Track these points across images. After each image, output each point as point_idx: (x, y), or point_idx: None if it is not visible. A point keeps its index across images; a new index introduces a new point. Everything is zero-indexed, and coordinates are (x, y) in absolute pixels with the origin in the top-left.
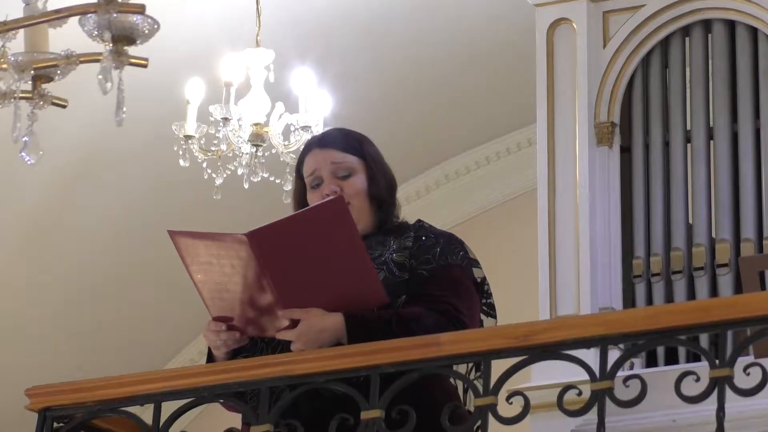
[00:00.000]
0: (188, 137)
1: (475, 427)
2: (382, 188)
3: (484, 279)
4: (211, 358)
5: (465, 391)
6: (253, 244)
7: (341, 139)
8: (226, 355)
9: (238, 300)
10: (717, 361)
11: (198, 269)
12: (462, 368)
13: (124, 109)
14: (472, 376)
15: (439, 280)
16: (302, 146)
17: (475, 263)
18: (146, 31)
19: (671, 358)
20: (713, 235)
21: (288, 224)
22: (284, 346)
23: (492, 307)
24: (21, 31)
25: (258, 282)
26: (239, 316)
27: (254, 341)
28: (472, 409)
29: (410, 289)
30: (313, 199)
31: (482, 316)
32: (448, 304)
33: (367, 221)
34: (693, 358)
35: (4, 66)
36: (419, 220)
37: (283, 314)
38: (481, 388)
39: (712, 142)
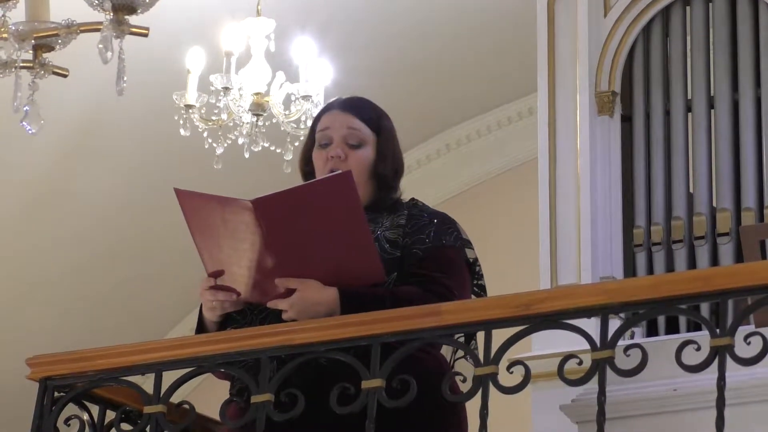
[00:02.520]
0: (189, 107)
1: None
2: (387, 168)
3: (476, 260)
4: (201, 326)
5: (452, 365)
6: (257, 211)
7: (363, 109)
8: (216, 323)
9: (237, 264)
10: (718, 330)
11: (200, 230)
12: (445, 350)
13: (125, 78)
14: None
15: (433, 261)
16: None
17: (468, 244)
18: (147, 0)
19: (672, 328)
20: (714, 204)
21: (294, 194)
22: (273, 317)
23: (483, 288)
24: (22, 0)
25: (258, 249)
26: (236, 281)
27: (243, 312)
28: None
29: (404, 268)
30: (318, 157)
31: (473, 297)
32: (442, 285)
33: (363, 196)
34: (694, 327)
35: (5, 35)
36: (413, 199)
37: (279, 282)
38: (482, 358)
39: (712, 111)
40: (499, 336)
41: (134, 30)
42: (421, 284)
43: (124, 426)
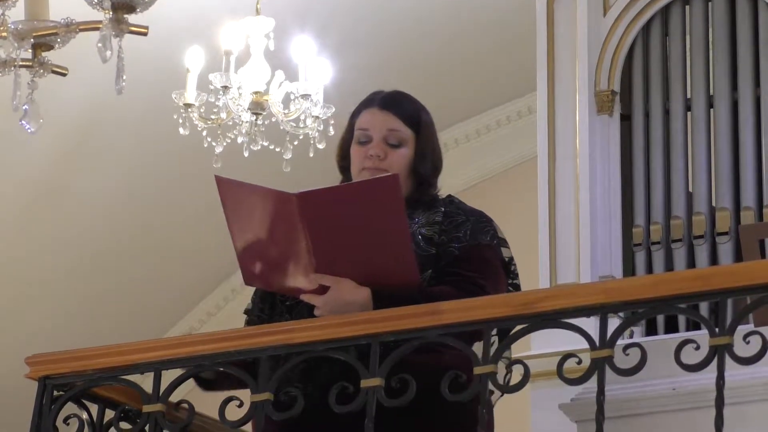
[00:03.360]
0: (188, 105)
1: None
2: (428, 168)
3: (511, 259)
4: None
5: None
6: (301, 204)
7: (403, 108)
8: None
9: (272, 255)
10: (717, 330)
11: (237, 218)
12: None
13: (124, 77)
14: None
15: (469, 260)
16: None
17: (504, 242)
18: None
19: (671, 327)
20: (713, 204)
21: (339, 192)
22: (304, 310)
23: (517, 287)
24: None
25: (296, 242)
26: (269, 272)
27: (274, 305)
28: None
29: (439, 265)
30: (356, 153)
31: None
32: (477, 285)
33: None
34: (693, 326)
35: (4, 34)
36: (449, 195)
37: (314, 278)
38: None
39: (712, 110)
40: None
41: (133, 29)
42: (456, 284)
43: (123, 425)
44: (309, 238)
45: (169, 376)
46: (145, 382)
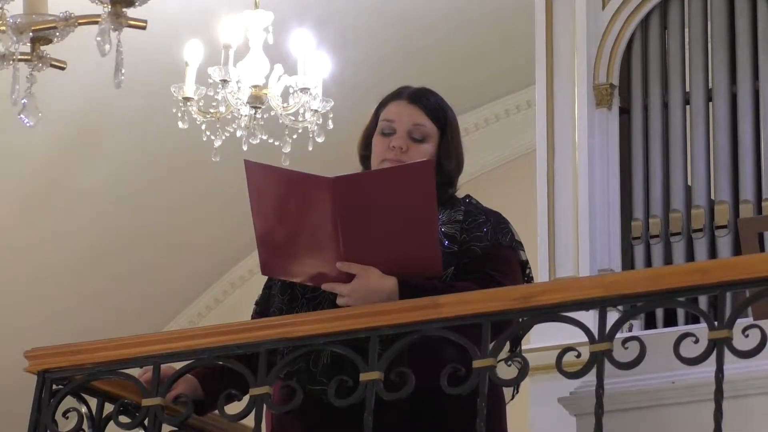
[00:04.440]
0: (187, 99)
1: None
2: (452, 166)
3: (527, 262)
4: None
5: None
6: (335, 189)
7: (431, 104)
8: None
9: (296, 243)
10: (716, 323)
11: (262, 205)
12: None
13: (123, 71)
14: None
15: (490, 259)
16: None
17: (520, 245)
18: None
19: (670, 320)
20: (712, 197)
21: (373, 177)
22: (327, 302)
23: None
24: None
25: (324, 228)
26: (291, 260)
27: (294, 296)
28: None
29: (460, 263)
30: (378, 143)
31: None
32: (498, 283)
33: None
34: (692, 320)
35: (3, 28)
36: (467, 195)
37: (341, 266)
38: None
39: (711, 103)
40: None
41: (132, 23)
42: (479, 281)
43: (123, 418)
44: (340, 224)
45: None
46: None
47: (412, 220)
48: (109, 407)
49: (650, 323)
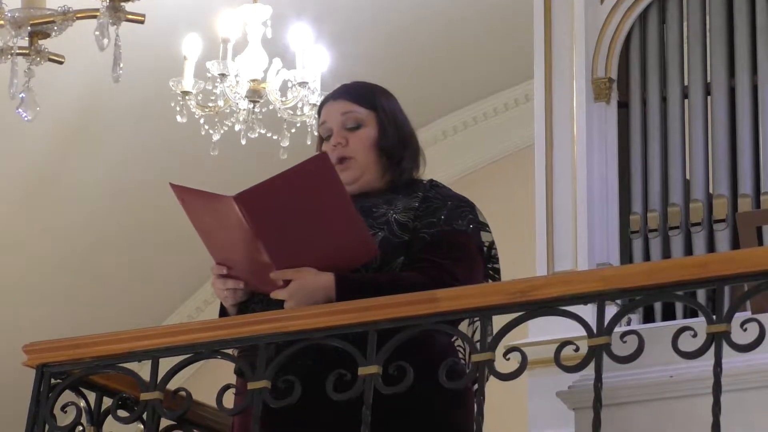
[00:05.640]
0: (185, 93)
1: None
2: (391, 141)
3: (492, 243)
4: (223, 312)
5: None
6: (241, 205)
7: (354, 91)
8: (234, 309)
9: (237, 258)
10: (714, 317)
11: (200, 224)
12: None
13: (121, 65)
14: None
15: (440, 246)
16: (304, 99)
17: (484, 227)
18: None
19: (668, 314)
20: (710, 191)
21: (274, 183)
22: (277, 307)
23: (498, 271)
24: None
25: (251, 242)
26: (240, 271)
27: (252, 293)
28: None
29: (410, 252)
30: (326, 149)
31: (490, 282)
32: (446, 271)
33: (375, 176)
34: (690, 313)
35: (1, 22)
36: (432, 180)
37: (274, 275)
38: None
39: (709, 97)
40: (496, 323)
41: (130, 17)
42: (425, 270)
43: (121, 413)
44: (261, 235)
45: (166, 363)
46: (143, 369)
47: (328, 212)
48: (107, 401)
49: (648, 317)
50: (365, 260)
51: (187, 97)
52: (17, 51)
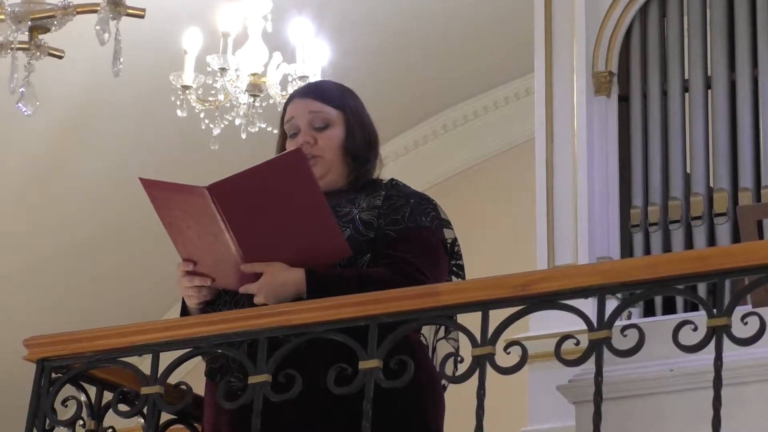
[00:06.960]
0: (186, 87)
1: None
2: (358, 142)
3: (454, 240)
4: (184, 312)
5: (433, 351)
6: (214, 196)
7: (322, 90)
8: (197, 309)
9: (206, 253)
10: (715, 311)
11: (168, 218)
12: (426, 330)
13: (121, 59)
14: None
15: (405, 242)
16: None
17: (447, 224)
18: None
19: (669, 308)
20: (711, 185)
21: (248, 177)
22: (246, 301)
23: (461, 268)
24: None
25: (222, 235)
26: (208, 268)
27: (218, 294)
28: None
29: (376, 249)
30: (290, 147)
31: (453, 278)
32: (412, 266)
33: (339, 175)
34: (691, 307)
35: (2, 17)
36: (392, 179)
37: (245, 268)
38: (479, 339)
39: (709, 91)
40: (496, 316)
41: (131, 11)
42: (392, 265)
43: (122, 407)
44: (230, 229)
45: (167, 357)
46: (144, 364)
47: (301, 209)
48: (108, 395)
49: (649, 311)
50: (337, 259)
51: (187, 91)
52: (17, 45)
